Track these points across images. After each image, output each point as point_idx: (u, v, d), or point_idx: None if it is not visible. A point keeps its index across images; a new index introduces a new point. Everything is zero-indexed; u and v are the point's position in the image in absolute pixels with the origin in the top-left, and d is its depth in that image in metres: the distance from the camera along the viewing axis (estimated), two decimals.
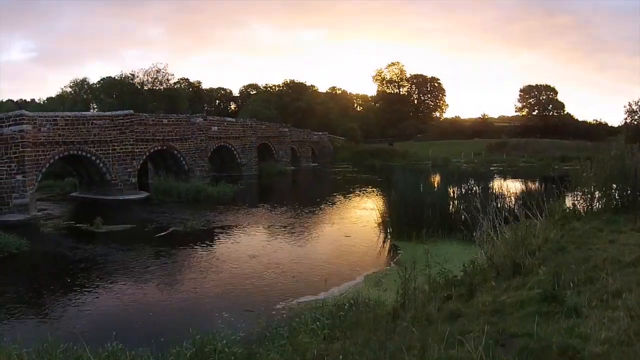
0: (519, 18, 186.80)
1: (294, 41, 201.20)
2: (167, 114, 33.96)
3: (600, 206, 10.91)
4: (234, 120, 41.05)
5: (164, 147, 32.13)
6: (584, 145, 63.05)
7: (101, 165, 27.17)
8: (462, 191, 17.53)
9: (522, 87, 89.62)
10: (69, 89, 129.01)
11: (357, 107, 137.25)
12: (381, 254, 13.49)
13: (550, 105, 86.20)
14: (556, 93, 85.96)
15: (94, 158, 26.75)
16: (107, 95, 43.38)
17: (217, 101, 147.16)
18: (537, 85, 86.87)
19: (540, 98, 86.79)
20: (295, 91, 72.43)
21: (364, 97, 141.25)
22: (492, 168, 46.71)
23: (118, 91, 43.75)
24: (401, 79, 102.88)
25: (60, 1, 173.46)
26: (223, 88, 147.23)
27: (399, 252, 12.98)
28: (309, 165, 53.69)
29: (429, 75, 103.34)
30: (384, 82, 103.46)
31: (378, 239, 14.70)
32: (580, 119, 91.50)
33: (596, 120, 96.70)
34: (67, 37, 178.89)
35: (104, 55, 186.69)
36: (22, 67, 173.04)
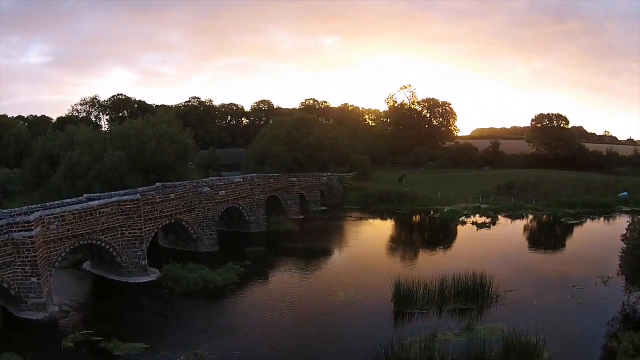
0: (529, 24, 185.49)
1: (309, 49, 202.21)
2: (173, 187, 34.73)
3: None
4: (241, 180, 41.78)
5: (172, 221, 32.97)
6: (592, 182, 63.06)
7: (111, 250, 28.08)
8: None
9: (533, 117, 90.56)
10: (79, 107, 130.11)
11: (368, 122, 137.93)
12: None
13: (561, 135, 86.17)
14: (567, 122, 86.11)
15: (103, 244, 27.65)
16: (115, 148, 44.04)
17: (229, 117, 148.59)
18: (548, 114, 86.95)
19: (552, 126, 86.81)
20: (305, 125, 73.22)
21: (376, 112, 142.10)
22: (498, 219, 46.98)
23: (125, 143, 44.41)
24: (412, 102, 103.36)
25: (79, 6, 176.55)
26: (235, 104, 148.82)
27: None
28: (317, 209, 54.25)
29: (440, 100, 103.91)
30: (395, 105, 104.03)
31: None
32: (591, 129, 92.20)
33: (607, 133, 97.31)
34: (86, 42, 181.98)
35: (122, 60, 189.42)
36: (39, 71, 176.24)
